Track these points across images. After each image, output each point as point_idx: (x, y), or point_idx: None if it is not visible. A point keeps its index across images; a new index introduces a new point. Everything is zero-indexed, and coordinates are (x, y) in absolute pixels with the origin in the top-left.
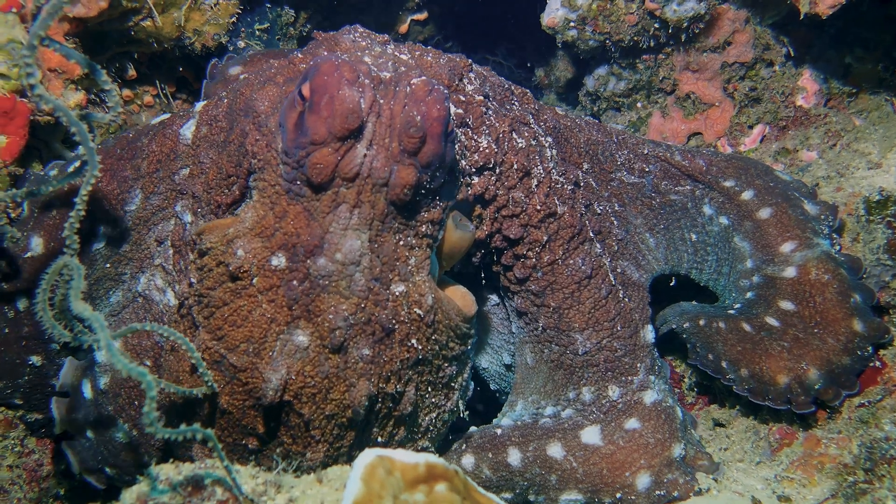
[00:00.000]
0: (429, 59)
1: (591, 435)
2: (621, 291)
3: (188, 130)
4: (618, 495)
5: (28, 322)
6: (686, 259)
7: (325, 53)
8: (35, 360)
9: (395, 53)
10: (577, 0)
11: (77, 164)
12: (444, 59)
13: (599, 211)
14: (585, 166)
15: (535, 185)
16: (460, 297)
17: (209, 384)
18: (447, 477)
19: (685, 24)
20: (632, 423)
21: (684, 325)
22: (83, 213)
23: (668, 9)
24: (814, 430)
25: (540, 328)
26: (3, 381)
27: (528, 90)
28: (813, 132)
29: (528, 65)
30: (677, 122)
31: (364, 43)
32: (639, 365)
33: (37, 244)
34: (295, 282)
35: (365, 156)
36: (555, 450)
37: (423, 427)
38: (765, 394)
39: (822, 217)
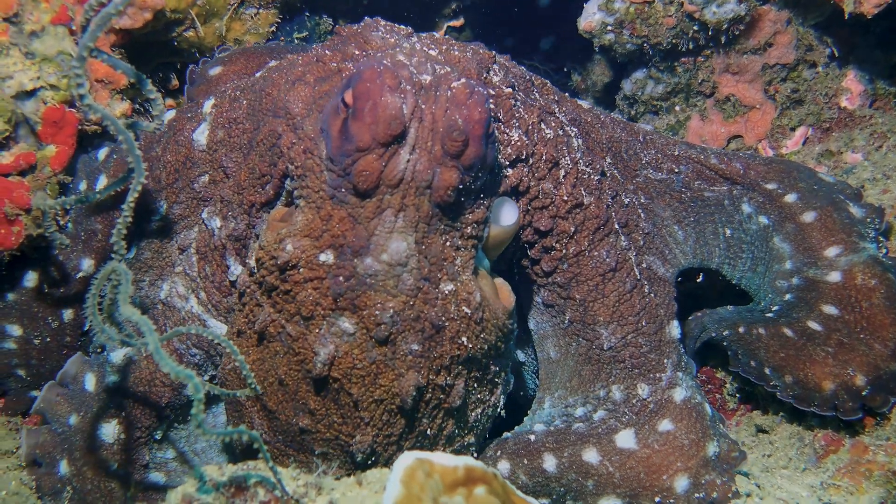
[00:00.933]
0: (456, 53)
1: (625, 439)
2: (647, 286)
3: (202, 136)
4: (657, 499)
5: (70, 332)
6: (717, 254)
7: (357, 52)
8: None
9: (425, 49)
10: (615, 4)
11: (105, 160)
12: (469, 53)
13: (626, 202)
14: (609, 160)
15: (563, 176)
16: (500, 289)
17: (252, 386)
18: (486, 480)
19: (725, 26)
20: (665, 425)
21: (724, 333)
22: (130, 219)
23: (707, 11)
24: (861, 437)
25: (567, 321)
26: None
27: (546, 80)
28: (858, 134)
29: (565, 69)
30: (717, 125)
31: (392, 39)
32: (665, 361)
33: (88, 265)
34: (341, 277)
35: (408, 161)
36: (590, 455)
37: (469, 422)
38: (810, 400)
39: (869, 220)
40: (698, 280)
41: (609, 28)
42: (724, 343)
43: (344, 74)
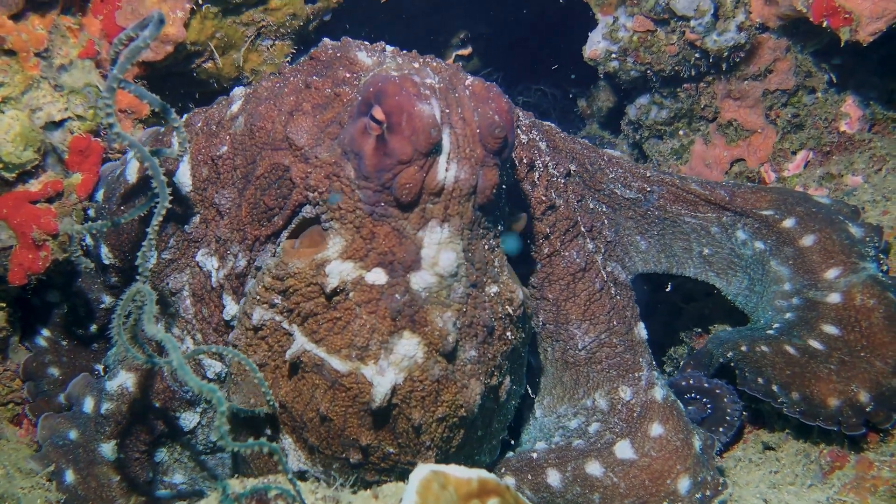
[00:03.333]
0: (433, 63)
1: (623, 450)
2: (613, 289)
3: (185, 177)
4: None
5: (84, 355)
6: (691, 265)
7: (348, 75)
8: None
9: (409, 61)
10: (619, 32)
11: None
12: (436, 61)
13: (591, 207)
14: (573, 167)
15: (538, 178)
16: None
17: (270, 403)
18: (499, 492)
19: (726, 54)
20: (656, 429)
21: (728, 355)
22: (154, 241)
23: (708, 39)
24: (866, 453)
25: (541, 323)
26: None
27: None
28: (857, 157)
29: (571, 95)
30: (720, 149)
31: (376, 57)
32: (641, 360)
33: (110, 301)
34: (397, 295)
35: (447, 168)
36: (593, 468)
37: (508, 415)
38: (816, 416)
39: (868, 239)
40: (667, 290)
41: (613, 56)
42: (732, 364)
43: (345, 99)
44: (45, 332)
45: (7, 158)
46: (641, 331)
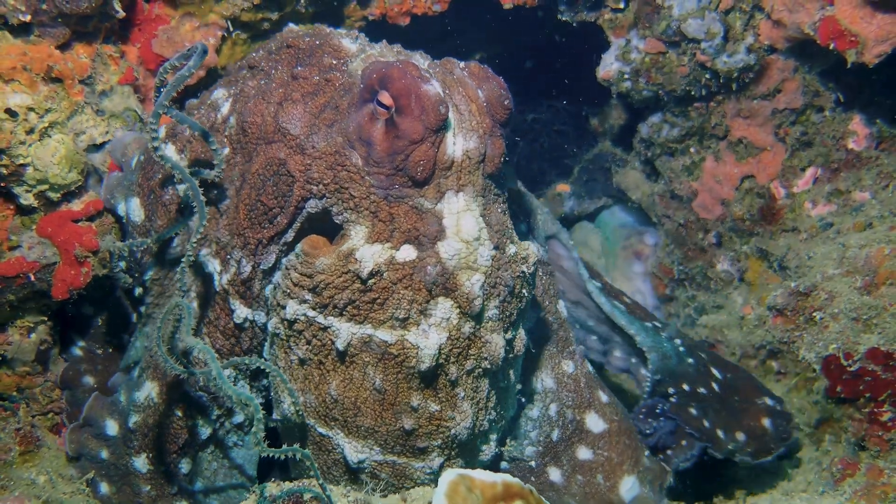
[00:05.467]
0: (417, 54)
1: (594, 423)
2: (540, 268)
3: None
4: (645, 458)
5: (117, 363)
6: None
7: (335, 61)
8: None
9: (388, 47)
10: (631, 54)
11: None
12: (418, 53)
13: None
14: None
15: None
16: None
17: (299, 413)
18: (523, 495)
19: (736, 74)
20: (604, 396)
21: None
22: (193, 258)
23: (718, 60)
24: (876, 461)
25: None
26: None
27: None
28: (865, 174)
29: (583, 113)
30: (730, 166)
31: (358, 45)
32: (571, 335)
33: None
34: (429, 267)
35: (454, 143)
36: (582, 452)
37: (519, 368)
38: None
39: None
40: None
41: (626, 76)
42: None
43: (336, 84)
44: (81, 343)
45: (53, 180)
46: (563, 309)
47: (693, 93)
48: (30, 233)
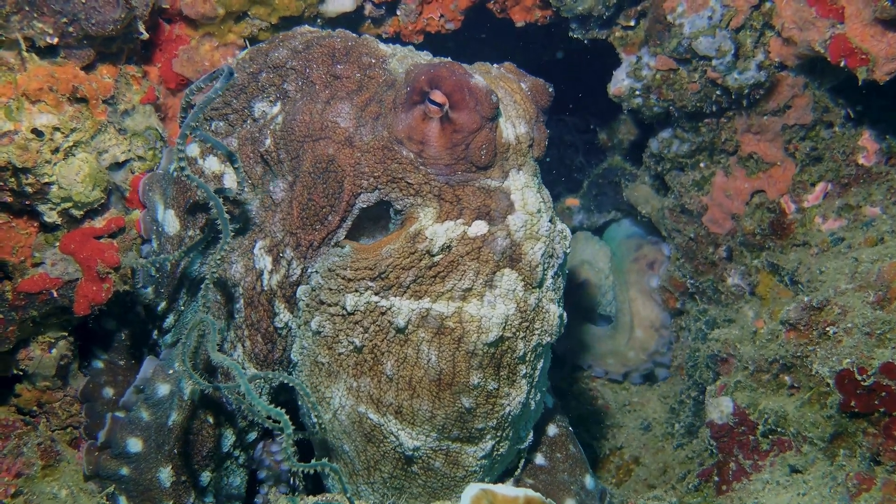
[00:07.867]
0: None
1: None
2: None
3: (229, 181)
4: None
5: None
6: None
7: (373, 60)
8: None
9: (413, 50)
10: (643, 71)
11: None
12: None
13: None
14: None
15: None
16: None
17: (320, 423)
18: None
19: (746, 91)
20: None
21: None
22: (217, 275)
23: (729, 77)
24: (892, 476)
25: None
26: None
27: None
28: (875, 189)
29: (592, 127)
30: (740, 181)
31: (389, 47)
32: None
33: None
34: (499, 238)
35: (506, 129)
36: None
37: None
38: None
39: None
40: None
41: (637, 93)
42: None
43: (378, 80)
44: (104, 356)
45: (77, 198)
46: None
47: (704, 109)
48: (53, 250)
